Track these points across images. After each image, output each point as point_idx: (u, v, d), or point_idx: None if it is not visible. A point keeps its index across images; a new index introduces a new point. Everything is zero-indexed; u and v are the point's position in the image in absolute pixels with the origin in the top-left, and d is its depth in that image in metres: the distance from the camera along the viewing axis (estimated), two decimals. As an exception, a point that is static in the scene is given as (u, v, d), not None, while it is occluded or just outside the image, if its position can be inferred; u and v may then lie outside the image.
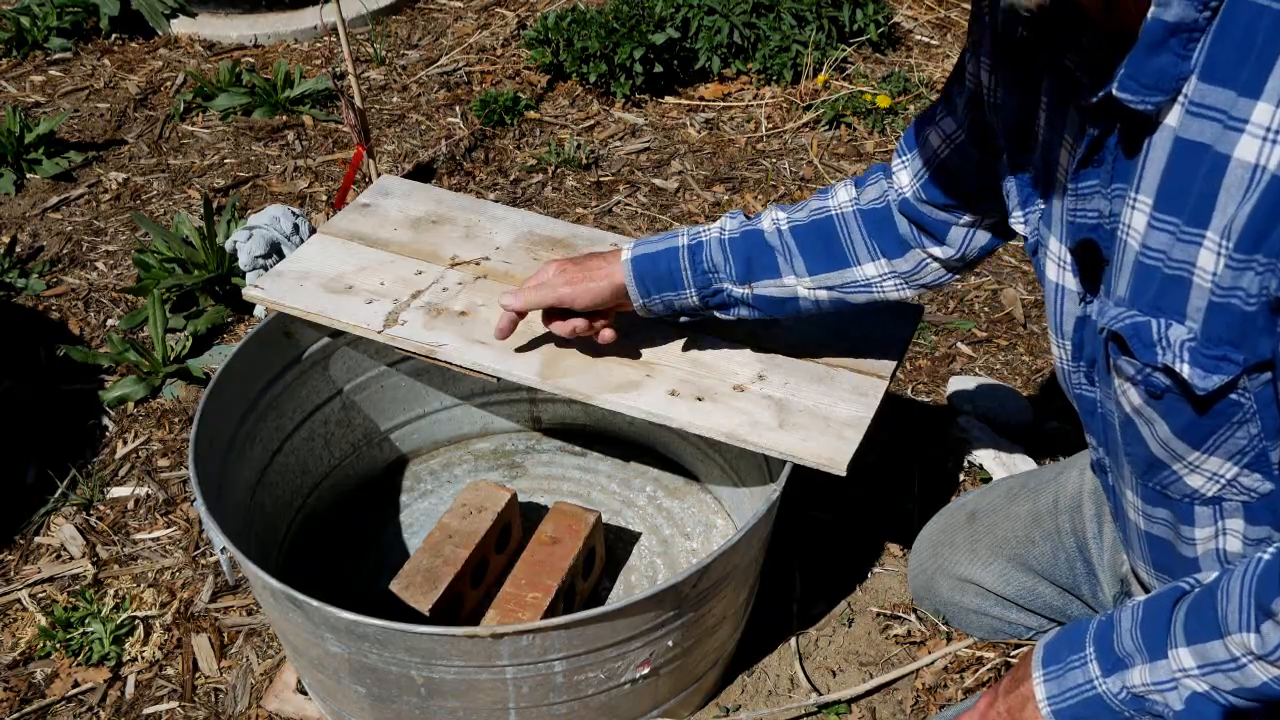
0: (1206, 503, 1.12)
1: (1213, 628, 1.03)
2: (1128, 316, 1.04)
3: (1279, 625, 0.97)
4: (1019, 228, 1.23)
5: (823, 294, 1.45)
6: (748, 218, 1.48)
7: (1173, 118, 0.95)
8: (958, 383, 2.12)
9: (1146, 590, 1.36)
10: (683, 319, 1.54)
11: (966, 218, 1.37)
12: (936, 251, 1.40)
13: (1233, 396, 1.00)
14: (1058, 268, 1.17)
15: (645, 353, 1.58)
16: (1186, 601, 1.07)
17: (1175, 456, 1.10)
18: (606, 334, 1.53)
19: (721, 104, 3.07)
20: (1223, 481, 1.09)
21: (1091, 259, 1.09)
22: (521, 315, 1.53)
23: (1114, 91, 0.96)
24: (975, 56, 1.23)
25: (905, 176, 1.39)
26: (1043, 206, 1.18)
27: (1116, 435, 1.18)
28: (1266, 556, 1.01)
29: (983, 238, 1.38)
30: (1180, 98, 0.94)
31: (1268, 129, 0.88)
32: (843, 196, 1.45)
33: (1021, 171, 1.21)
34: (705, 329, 1.62)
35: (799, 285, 1.45)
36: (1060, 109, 1.10)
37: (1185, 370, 0.99)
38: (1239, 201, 0.91)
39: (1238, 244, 0.92)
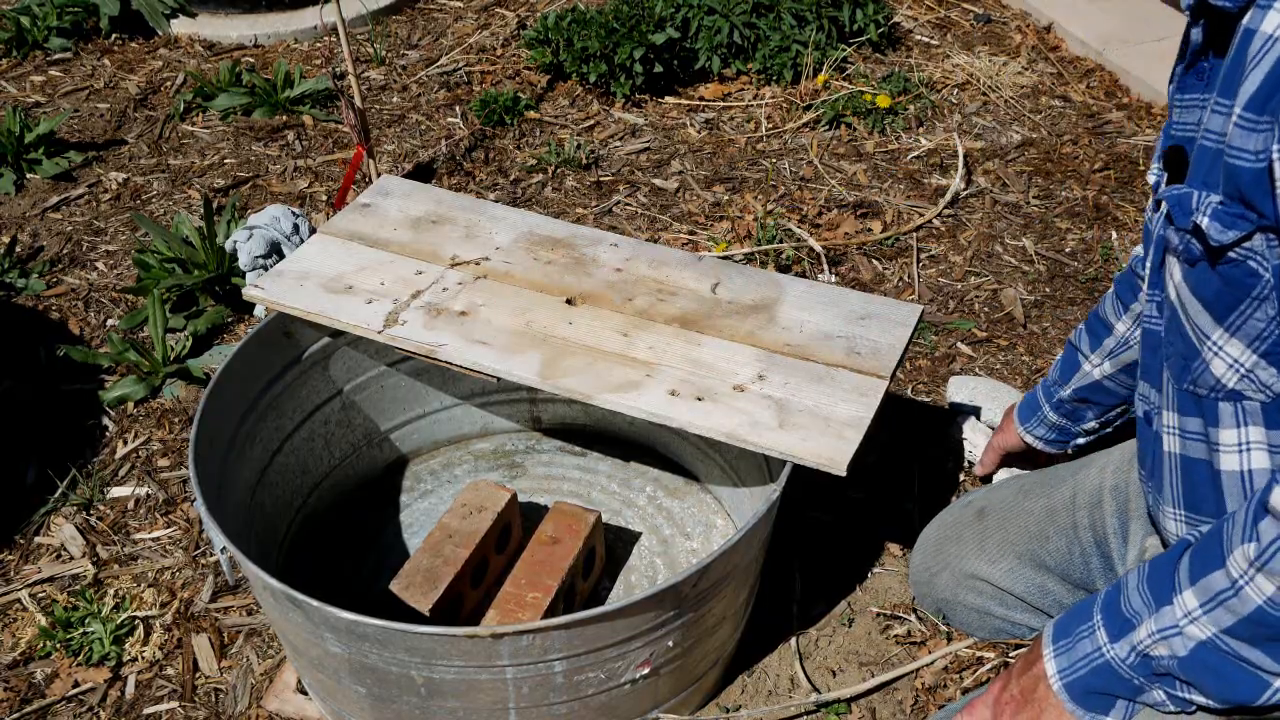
0: (1229, 398, 1.16)
1: (1216, 557, 1.05)
2: (1176, 190, 1.13)
3: (1275, 520, 1.00)
4: (1151, 178, 1.29)
5: (1107, 365, 1.65)
6: None
7: (1248, 15, 1.03)
8: (958, 383, 2.12)
9: None
10: (1066, 442, 1.77)
11: None
12: None
13: (1251, 264, 1.07)
14: (1156, 177, 1.24)
15: (645, 353, 1.58)
16: (1194, 545, 1.10)
17: (1202, 337, 1.15)
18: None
19: (721, 104, 3.07)
20: (1242, 371, 1.13)
21: (1178, 165, 1.17)
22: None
23: None
24: None
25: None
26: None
27: (1162, 354, 1.25)
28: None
29: None
30: None
31: None
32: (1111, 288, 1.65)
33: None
34: (706, 329, 1.62)
35: (1093, 367, 1.66)
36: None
37: (1204, 223, 1.07)
38: (1250, 67, 1.00)
39: (1247, 105, 1.00)
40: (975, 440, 1.99)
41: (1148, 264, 1.28)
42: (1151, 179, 1.29)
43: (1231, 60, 1.05)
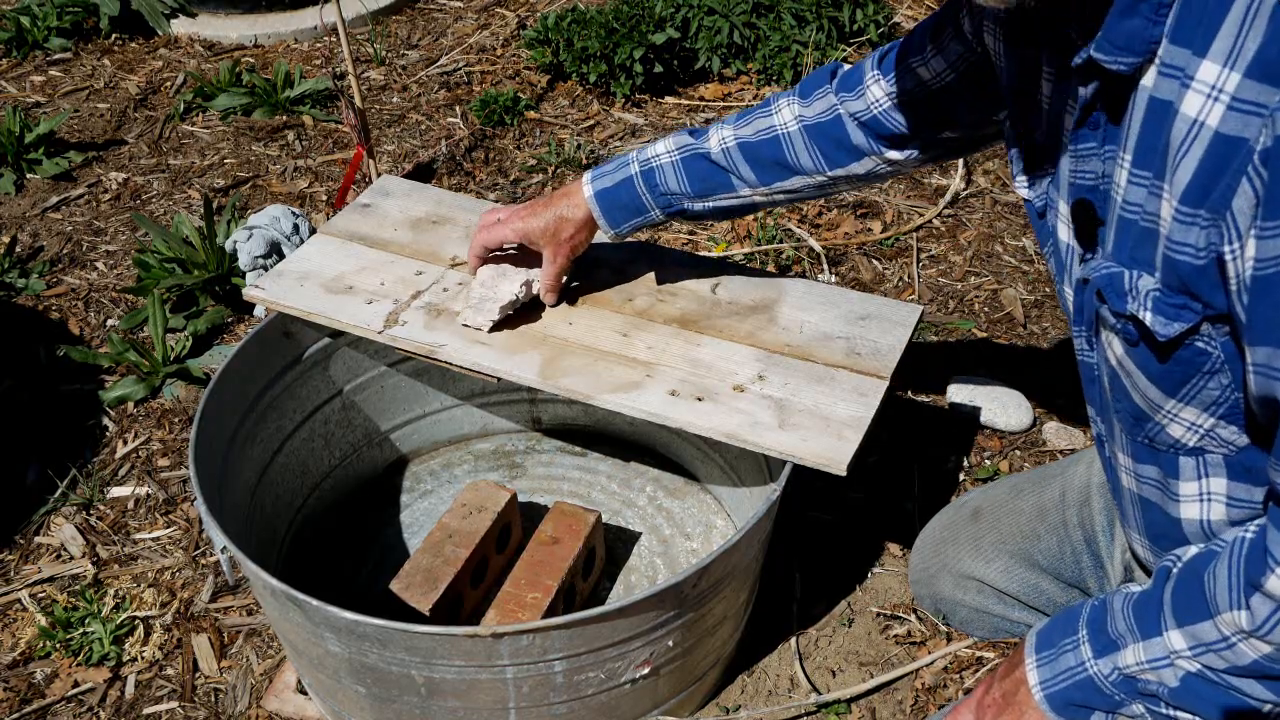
0: (1189, 453, 1.14)
1: (1202, 609, 1.04)
2: (1106, 268, 1.09)
3: (1267, 599, 0.98)
4: (1022, 191, 1.28)
5: (779, 196, 1.59)
6: (693, 136, 1.59)
7: (1149, 78, 1.00)
8: (958, 384, 2.12)
9: (1149, 575, 1.36)
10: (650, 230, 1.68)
11: (943, 135, 1.49)
12: (895, 156, 1.52)
13: (1199, 345, 1.03)
14: (1067, 229, 1.20)
15: (645, 353, 1.58)
16: (1173, 580, 1.08)
17: (1155, 407, 1.12)
18: (550, 298, 1.66)
19: (721, 104, 3.07)
20: (1201, 432, 1.11)
21: (1087, 217, 1.14)
22: (481, 262, 1.67)
23: (1092, 53, 1.02)
24: (974, 19, 1.30)
25: (878, 92, 1.48)
26: (1053, 172, 1.21)
27: (1107, 396, 1.21)
28: (1250, 535, 1.02)
29: (951, 148, 1.53)
30: (1155, 60, 0.99)
31: (1212, 86, 0.93)
32: (787, 115, 1.55)
33: (1026, 138, 1.25)
34: (705, 329, 1.62)
35: (754, 194, 1.58)
36: (1065, 77, 1.15)
37: (1148, 318, 1.04)
38: (1178, 155, 0.96)
39: (1182, 198, 0.97)
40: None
41: (1070, 305, 1.23)
42: (1025, 193, 1.24)
43: (1144, 128, 1.01)
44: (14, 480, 2.03)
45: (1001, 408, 2.06)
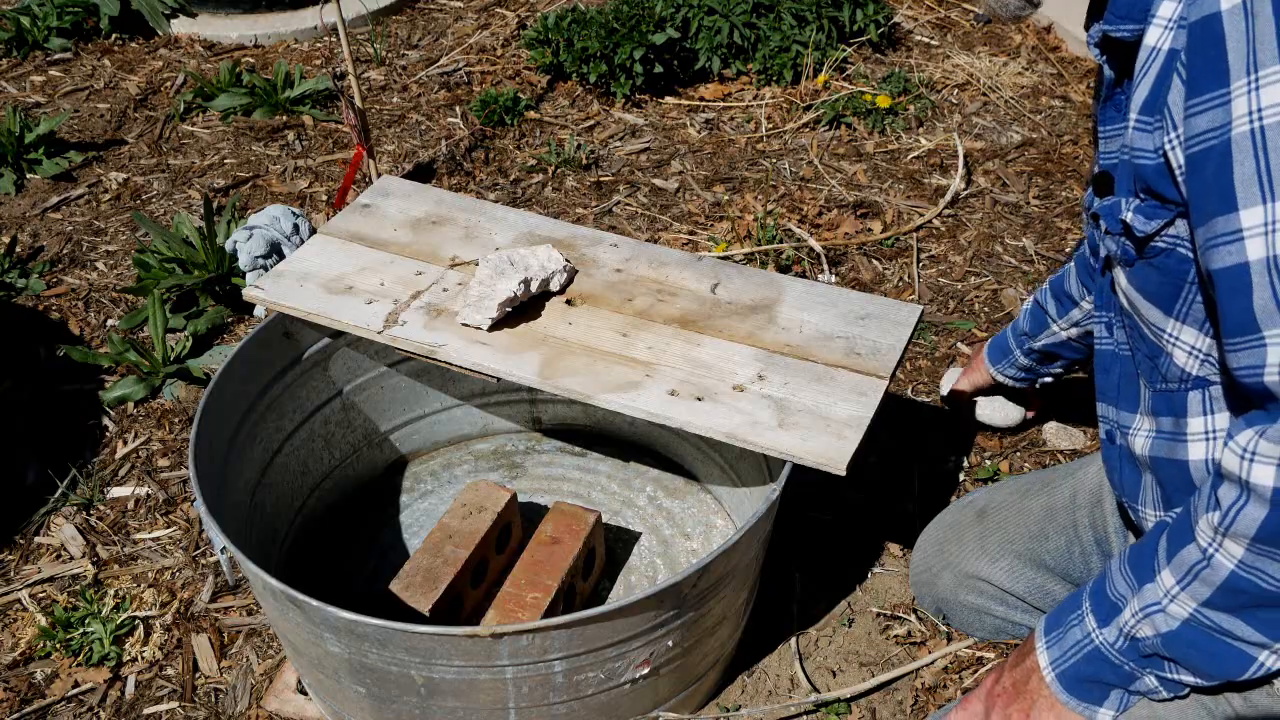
0: (1196, 385, 1.18)
1: (1187, 531, 1.08)
2: (1108, 200, 1.20)
3: (1231, 484, 1.02)
4: (1090, 206, 1.34)
5: (1073, 331, 1.73)
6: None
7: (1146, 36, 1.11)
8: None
9: None
10: (1032, 380, 1.90)
11: None
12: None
13: (1181, 251, 1.12)
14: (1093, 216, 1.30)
15: (645, 353, 1.58)
16: (1168, 526, 1.12)
17: (1158, 332, 1.19)
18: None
19: (721, 104, 3.07)
20: (1200, 356, 1.16)
21: (1105, 188, 1.23)
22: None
23: (1102, 26, 1.16)
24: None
25: None
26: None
27: (1118, 371, 1.29)
28: None
29: None
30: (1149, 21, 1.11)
31: (1169, 19, 1.06)
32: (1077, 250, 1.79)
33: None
34: (705, 330, 1.62)
35: (1059, 328, 1.74)
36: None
37: (1129, 217, 1.14)
38: (1140, 76, 1.10)
39: (1141, 109, 1.10)
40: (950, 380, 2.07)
41: (1094, 290, 1.33)
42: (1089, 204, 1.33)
43: (1136, 76, 1.12)
44: (14, 480, 2.03)
45: (989, 402, 2.05)
